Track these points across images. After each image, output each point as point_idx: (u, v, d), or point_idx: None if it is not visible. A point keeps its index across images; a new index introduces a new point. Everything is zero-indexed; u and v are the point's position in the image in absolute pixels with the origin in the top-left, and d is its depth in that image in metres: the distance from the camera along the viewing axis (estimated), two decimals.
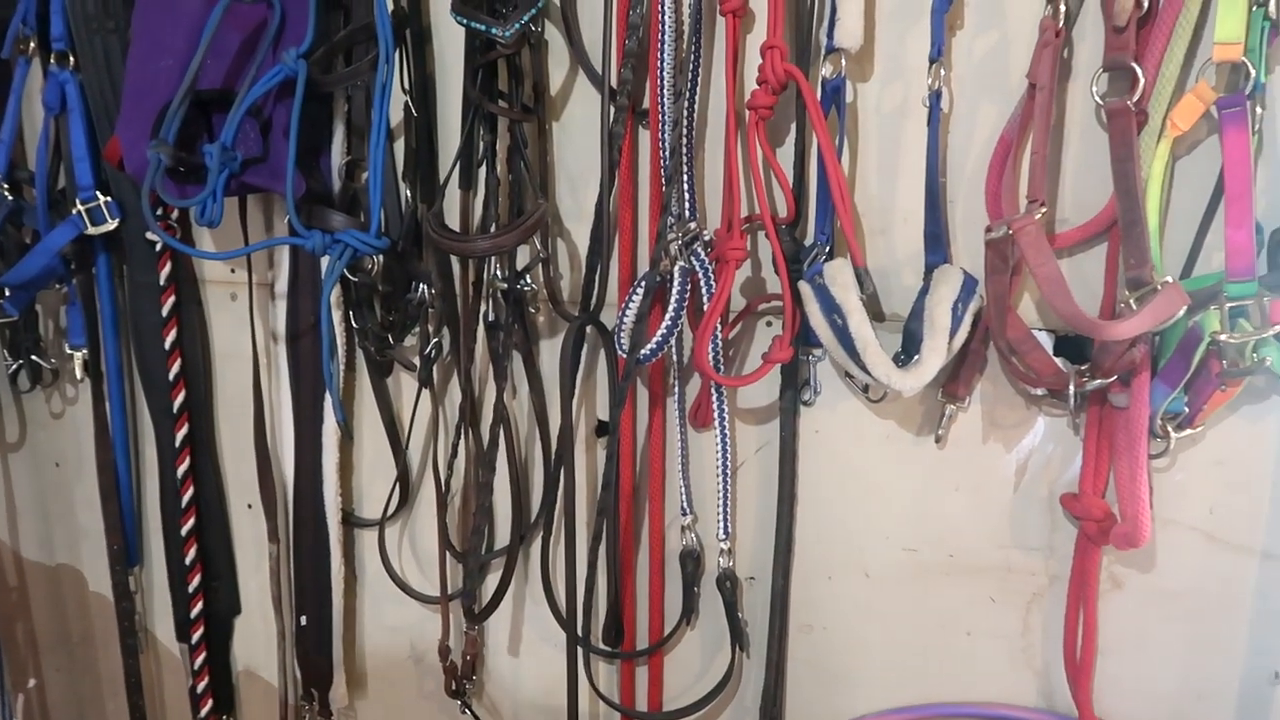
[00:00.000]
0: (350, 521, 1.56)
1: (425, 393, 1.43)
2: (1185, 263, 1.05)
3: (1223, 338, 0.98)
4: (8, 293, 1.56)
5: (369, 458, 1.54)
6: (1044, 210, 1.04)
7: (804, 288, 1.12)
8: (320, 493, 1.52)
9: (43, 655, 2.01)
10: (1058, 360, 1.08)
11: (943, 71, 1.07)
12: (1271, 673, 1.11)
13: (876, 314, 1.15)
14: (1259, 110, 0.97)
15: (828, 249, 1.15)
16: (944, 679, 1.26)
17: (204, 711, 1.72)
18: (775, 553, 1.28)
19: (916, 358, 1.07)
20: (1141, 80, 0.98)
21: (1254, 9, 0.94)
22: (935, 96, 1.08)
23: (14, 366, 1.77)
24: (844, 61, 1.09)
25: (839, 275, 1.11)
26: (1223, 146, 0.96)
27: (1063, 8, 1.00)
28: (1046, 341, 1.09)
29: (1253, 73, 0.95)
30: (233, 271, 1.56)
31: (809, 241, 1.17)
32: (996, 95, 1.08)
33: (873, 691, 1.30)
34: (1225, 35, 0.95)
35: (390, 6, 1.27)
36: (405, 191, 1.35)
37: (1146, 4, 0.98)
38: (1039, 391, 1.12)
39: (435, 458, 1.43)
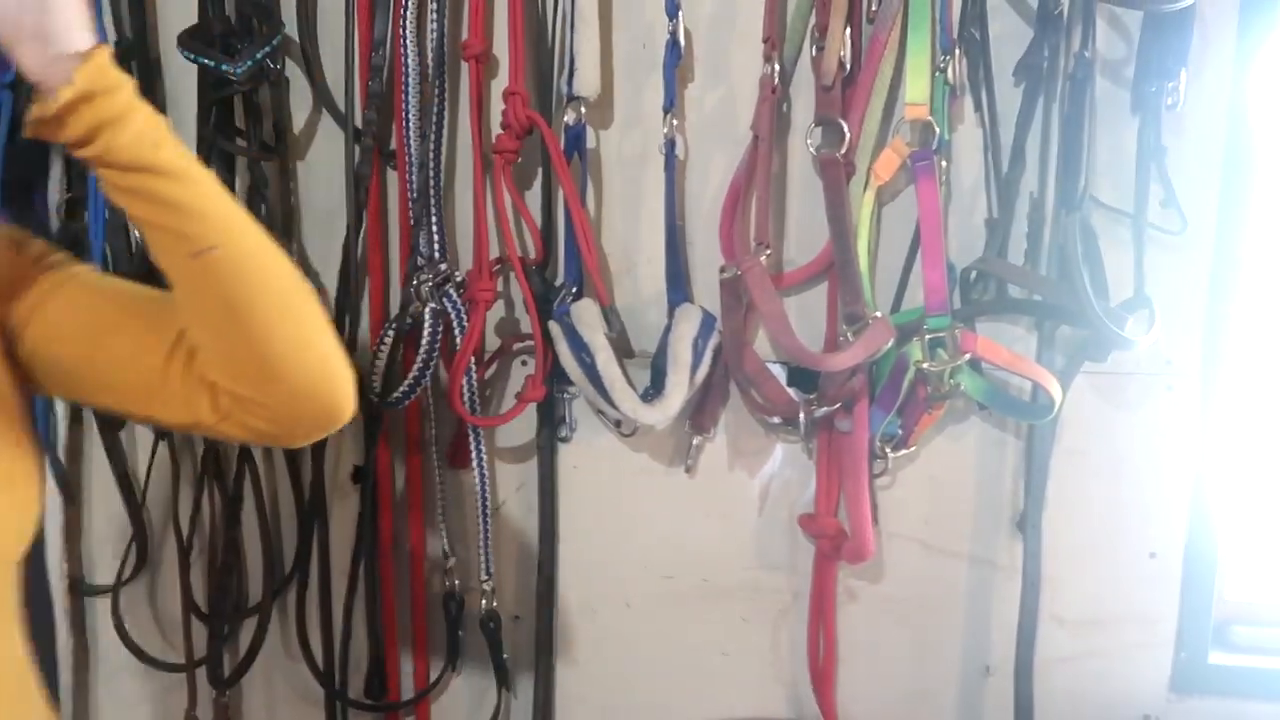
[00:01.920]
0: (80, 589, 1.52)
1: (163, 445, 1.42)
2: (894, 299, 1.23)
3: (925, 366, 1.16)
4: None
5: (100, 519, 1.50)
6: (769, 252, 1.19)
7: (554, 327, 1.22)
8: (43, 560, 1.47)
9: None
10: (791, 390, 1.24)
11: (675, 121, 1.21)
12: (983, 666, 1.31)
13: (626, 351, 1.28)
14: (945, 163, 1.16)
15: (575, 289, 1.25)
16: (705, 700, 1.38)
17: None
18: (539, 590, 1.36)
19: (662, 393, 1.20)
20: (848, 134, 1.15)
21: (936, 74, 1.13)
22: (670, 144, 1.21)
23: None
24: (584, 109, 1.21)
25: (585, 315, 1.22)
26: (917, 195, 1.15)
27: (777, 67, 1.16)
28: (780, 373, 1.25)
29: (938, 130, 1.14)
30: None
31: (559, 282, 1.27)
32: (726, 144, 1.23)
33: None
34: (913, 97, 1.13)
35: (113, 37, 1.27)
36: (135, 231, 1.34)
37: (849, 66, 1.15)
38: (775, 420, 1.27)
39: (176, 514, 1.42)
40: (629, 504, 1.35)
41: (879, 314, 1.17)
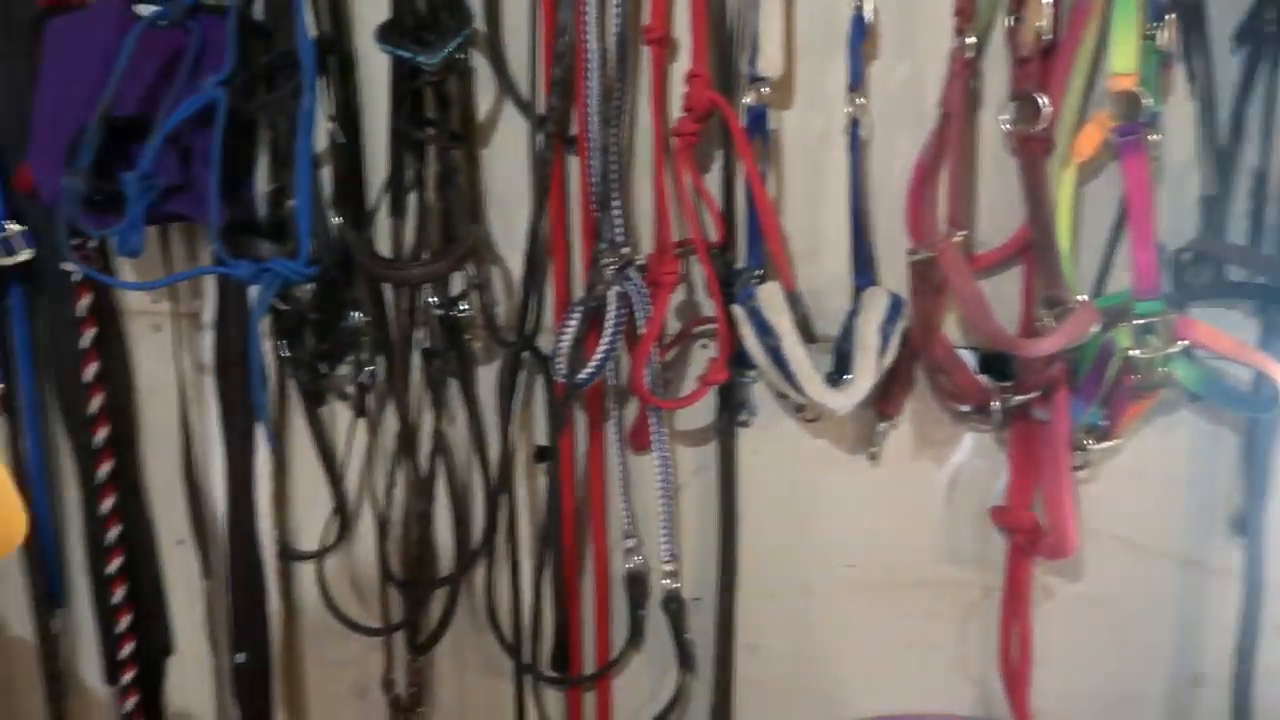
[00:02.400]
0: (287, 555, 1.67)
1: (361, 421, 1.54)
2: (1096, 281, 1.19)
3: (1133, 353, 1.13)
4: None
5: (304, 490, 1.65)
6: (963, 233, 1.18)
7: (737, 311, 1.25)
8: (255, 526, 1.62)
9: None
10: (981, 378, 1.23)
11: (860, 100, 1.21)
12: (1192, 675, 1.27)
13: (809, 335, 1.29)
14: (1155, 137, 1.12)
15: (758, 273, 1.28)
16: (887, 692, 1.40)
17: None
18: (719, 573, 1.41)
19: (848, 377, 1.20)
20: (1046, 109, 1.12)
21: (1145, 42, 1.09)
22: (854, 124, 1.22)
23: None
24: (766, 90, 1.23)
25: (771, 299, 1.24)
26: (1123, 172, 1.11)
27: (969, 40, 1.15)
28: (970, 360, 1.24)
29: (1147, 102, 1.09)
30: (155, 302, 1.65)
31: (740, 265, 1.30)
32: (912, 122, 1.21)
33: (817, 708, 1.43)
34: (1120, 67, 1.09)
35: (313, 34, 1.38)
36: (333, 219, 1.46)
37: (1048, 36, 1.12)
38: (965, 408, 1.26)
39: (373, 487, 1.54)
40: (810, 490, 1.38)
41: (1083, 297, 1.14)
